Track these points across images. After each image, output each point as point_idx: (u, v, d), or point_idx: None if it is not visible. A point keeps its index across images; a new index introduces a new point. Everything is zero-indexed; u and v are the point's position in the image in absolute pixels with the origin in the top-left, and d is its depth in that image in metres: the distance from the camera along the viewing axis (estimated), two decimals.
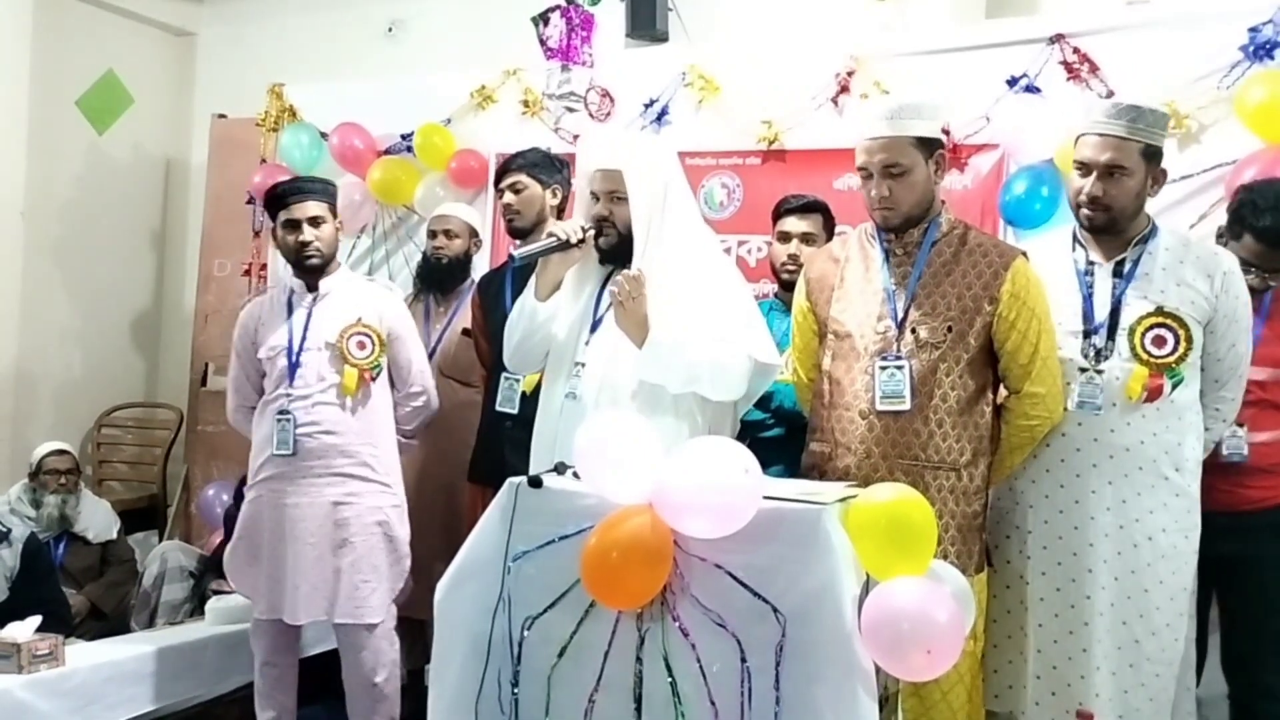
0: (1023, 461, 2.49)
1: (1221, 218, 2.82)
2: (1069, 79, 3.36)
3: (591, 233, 2.52)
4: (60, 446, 4.46)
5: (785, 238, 3.10)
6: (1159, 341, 2.36)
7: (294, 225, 3.15)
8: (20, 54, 5.36)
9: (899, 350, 2.38)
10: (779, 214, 3.15)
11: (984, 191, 3.50)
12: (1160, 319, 2.37)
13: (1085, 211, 2.43)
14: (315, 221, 3.16)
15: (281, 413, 3.14)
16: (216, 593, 3.92)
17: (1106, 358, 2.40)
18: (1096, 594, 2.38)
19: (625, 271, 2.45)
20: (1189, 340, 2.36)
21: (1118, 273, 2.43)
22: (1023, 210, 3.38)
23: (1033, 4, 4.19)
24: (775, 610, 1.92)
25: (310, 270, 3.20)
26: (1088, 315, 2.43)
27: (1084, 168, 2.41)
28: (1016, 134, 3.41)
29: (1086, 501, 2.40)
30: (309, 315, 3.19)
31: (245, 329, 3.31)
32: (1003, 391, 2.49)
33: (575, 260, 2.55)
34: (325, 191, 3.23)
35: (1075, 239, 2.49)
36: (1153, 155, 2.40)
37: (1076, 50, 3.35)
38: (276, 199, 3.19)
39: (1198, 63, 3.20)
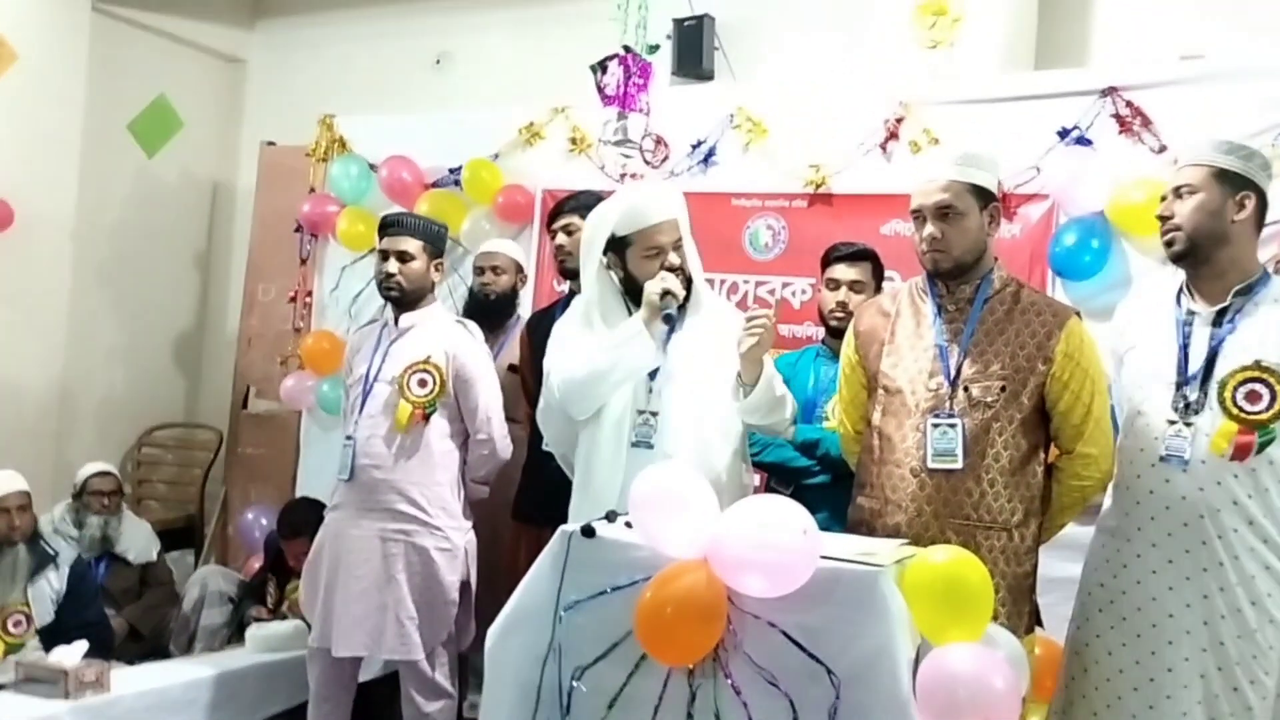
0: (1100, 518, 2.44)
1: None
2: (1121, 132, 3.36)
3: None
4: (105, 468, 4.51)
5: (834, 285, 3.11)
6: (1253, 397, 2.22)
7: (384, 256, 3.24)
8: (76, 77, 5.49)
9: (952, 408, 2.37)
10: (828, 261, 3.16)
11: (1032, 241, 3.49)
12: (1256, 373, 2.23)
13: (1164, 238, 2.36)
14: (404, 256, 3.23)
15: (348, 438, 3.23)
16: (257, 619, 3.96)
17: (1198, 411, 2.28)
18: (1195, 659, 2.27)
19: (761, 310, 2.59)
20: None
21: (1217, 322, 2.32)
22: (1072, 262, 3.37)
23: (1084, 56, 4.20)
24: (829, 672, 1.92)
25: (393, 302, 3.28)
26: (1181, 366, 2.32)
27: (1163, 196, 2.39)
28: (1067, 185, 3.40)
29: (1181, 562, 2.29)
30: (388, 349, 3.25)
31: (346, 357, 3.47)
32: (1053, 450, 2.47)
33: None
34: (425, 231, 3.31)
35: (1182, 288, 2.39)
36: (1231, 180, 2.29)
37: (1129, 104, 3.34)
38: (379, 228, 3.30)
39: (1251, 118, 3.17)
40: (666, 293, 2.59)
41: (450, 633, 3.25)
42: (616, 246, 2.69)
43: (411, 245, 3.24)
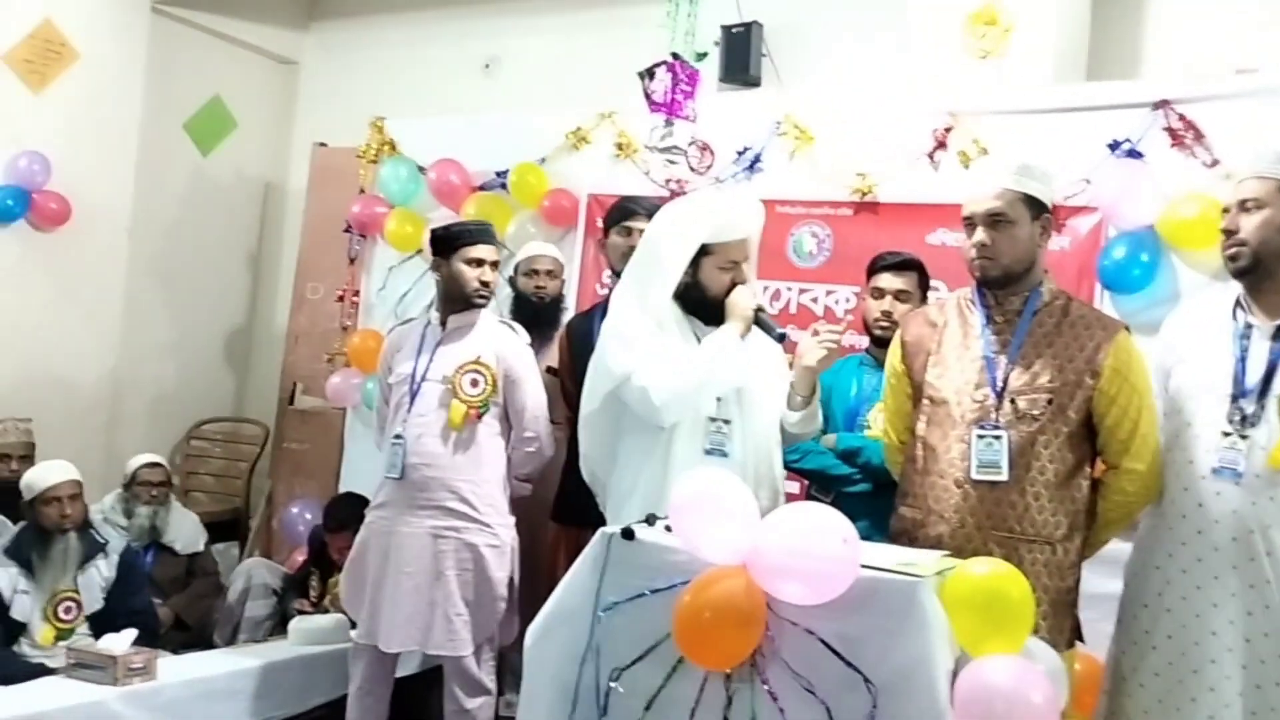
0: (1141, 535, 2.43)
1: None
2: (1173, 145, 3.32)
3: None
4: (154, 459, 4.60)
5: (879, 294, 3.11)
6: None
7: (479, 263, 3.30)
8: (134, 77, 5.61)
9: (997, 420, 2.36)
10: (873, 269, 3.16)
11: (1081, 254, 3.46)
12: None
13: (1227, 252, 2.34)
14: (494, 265, 3.35)
15: (396, 437, 3.27)
16: (300, 612, 4.02)
17: (1253, 425, 2.26)
18: (1236, 675, 2.24)
19: (832, 326, 2.67)
20: None
21: (1276, 336, 2.29)
22: (1121, 275, 3.34)
23: (1136, 68, 4.16)
24: (867, 681, 1.93)
25: (473, 307, 3.33)
26: (1238, 378, 2.29)
27: (1225, 210, 2.36)
28: (1117, 198, 3.37)
29: (1226, 577, 2.26)
30: (436, 348, 3.30)
31: (385, 355, 3.48)
32: (1100, 465, 2.45)
33: None
34: (498, 240, 3.44)
35: (1238, 302, 2.37)
36: None
37: (1182, 117, 3.30)
38: (459, 237, 3.33)
39: None
40: (760, 309, 2.69)
41: (494, 630, 3.28)
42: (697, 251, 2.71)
43: (496, 254, 3.36)
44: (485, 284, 3.29)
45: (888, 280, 3.11)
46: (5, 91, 5.10)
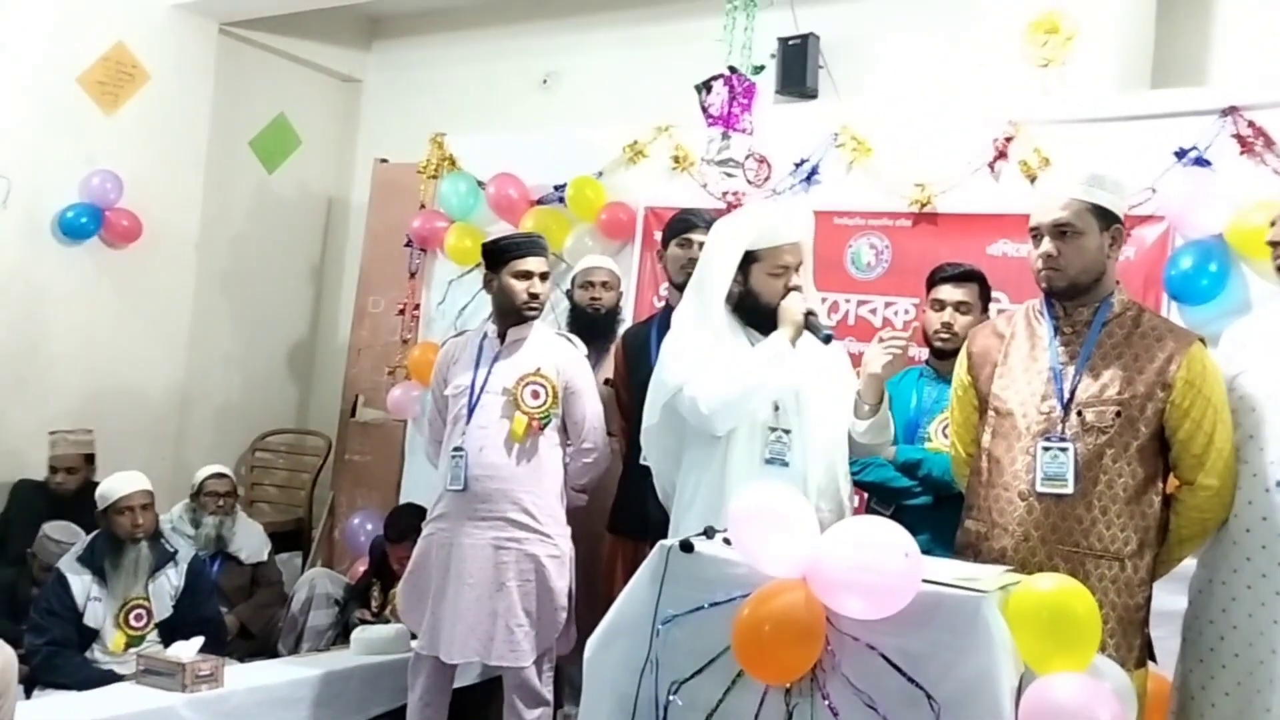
0: (1204, 550, 2.38)
1: None
2: (1242, 153, 3.25)
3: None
4: (221, 470, 4.69)
5: (939, 306, 3.09)
6: None
7: (527, 275, 3.31)
8: (203, 97, 5.76)
9: (1063, 432, 2.32)
10: (933, 281, 3.14)
11: (1147, 263, 3.41)
12: None
13: (1276, 263, 2.35)
14: (544, 277, 3.35)
15: (456, 450, 3.28)
16: (361, 622, 4.07)
17: None
18: (1277, 708, 2.21)
19: (899, 332, 2.68)
20: None
21: None
22: (1189, 285, 3.27)
23: (1202, 75, 4.08)
24: (929, 697, 1.91)
25: (525, 320, 3.34)
26: None
27: (1272, 222, 2.35)
28: (1184, 207, 3.31)
29: None
30: (494, 360, 3.33)
31: (439, 367, 3.50)
32: (1172, 480, 2.39)
33: None
34: (548, 250, 3.44)
35: None
36: None
37: (1251, 124, 3.24)
38: (509, 249, 3.35)
39: None
40: (810, 313, 2.65)
41: (554, 641, 3.29)
42: (743, 261, 2.72)
43: (545, 265, 3.37)
44: (534, 296, 3.30)
45: (948, 292, 3.08)
46: (79, 112, 5.26)
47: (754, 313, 2.70)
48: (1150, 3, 4.18)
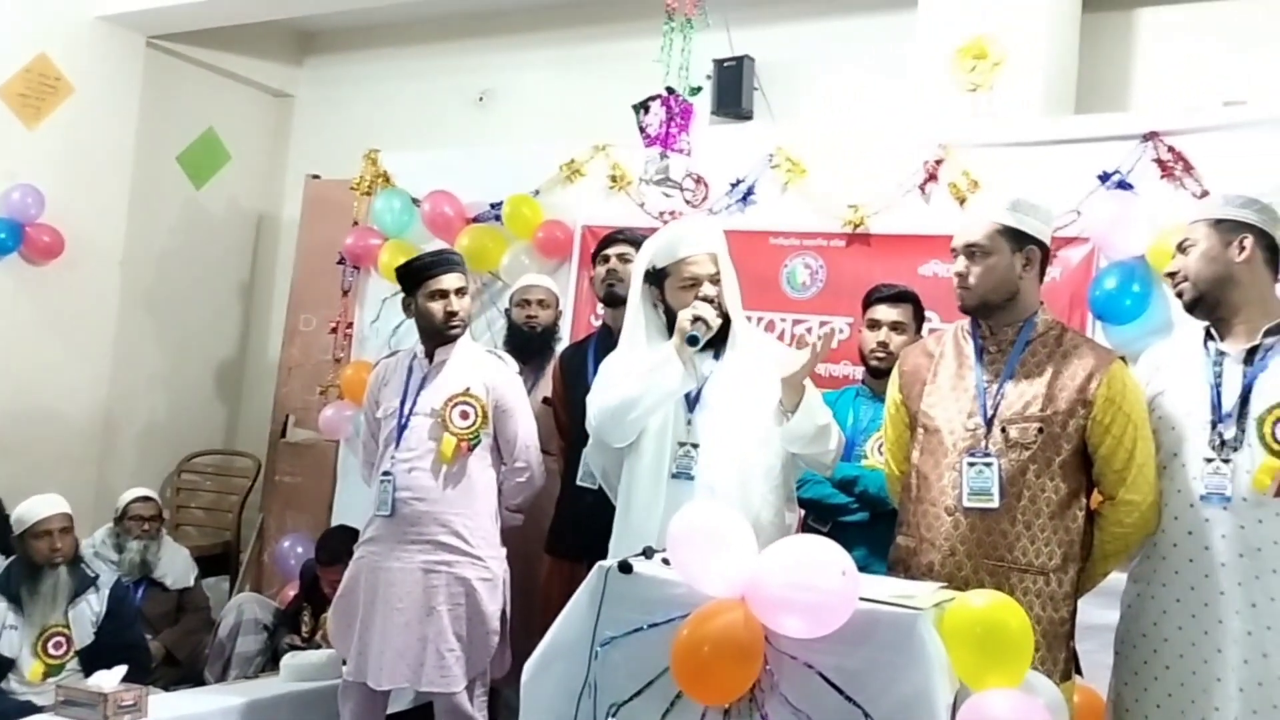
0: (1135, 565, 2.43)
1: None
2: (1163, 177, 3.34)
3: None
4: (146, 493, 4.57)
5: (875, 325, 3.12)
6: None
7: (441, 295, 3.25)
8: (129, 110, 5.64)
9: (987, 447, 2.37)
10: (869, 301, 3.18)
11: (1073, 284, 3.48)
12: None
13: (1177, 293, 2.45)
14: (460, 293, 3.28)
15: (385, 474, 3.23)
16: (291, 647, 3.98)
17: (1235, 449, 2.29)
18: (1226, 707, 2.25)
19: (823, 333, 2.68)
20: None
21: (1248, 361, 2.34)
22: (1113, 305, 3.35)
23: (1125, 100, 4.20)
24: (866, 715, 1.92)
25: (448, 339, 3.29)
26: (1215, 404, 2.33)
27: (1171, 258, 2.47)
28: (1108, 229, 3.39)
29: (1216, 604, 2.28)
30: (423, 381, 3.28)
31: (371, 389, 3.44)
32: (1096, 495, 2.45)
33: None
34: (463, 265, 3.37)
35: (1207, 333, 2.43)
36: (1229, 227, 2.36)
37: (1171, 149, 3.34)
38: (420, 270, 3.29)
39: None
40: (697, 319, 2.63)
41: (486, 665, 3.25)
42: (656, 279, 2.76)
43: (461, 280, 3.30)
44: (452, 314, 3.25)
45: (883, 312, 3.13)
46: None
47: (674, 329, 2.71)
48: (1074, 30, 4.30)
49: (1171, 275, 2.44)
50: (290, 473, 5.41)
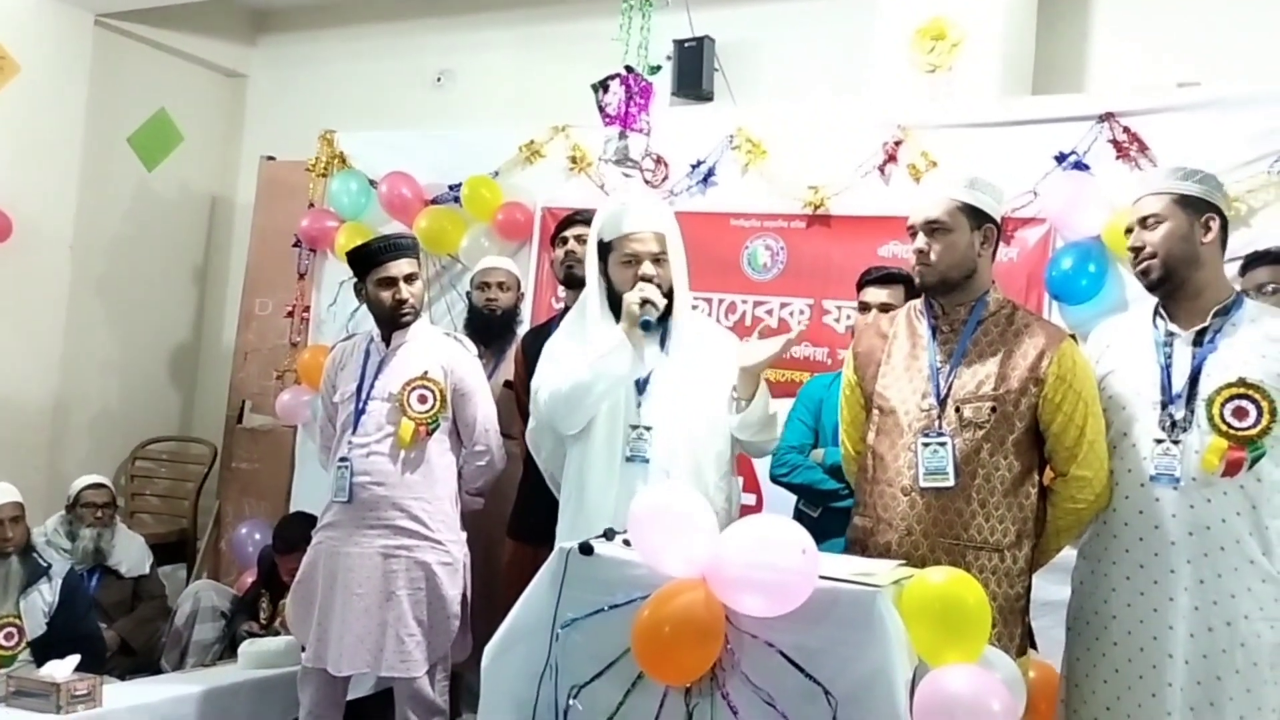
0: (1085, 542, 2.46)
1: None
2: (1118, 157, 3.38)
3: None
4: (98, 480, 4.50)
5: (865, 308, 3.13)
6: (1240, 413, 2.26)
7: (390, 283, 3.21)
8: (77, 90, 5.51)
9: (941, 427, 2.38)
10: (861, 284, 3.18)
11: (1030, 265, 3.51)
12: (1241, 390, 2.27)
13: (1138, 269, 2.42)
14: (410, 279, 3.23)
15: (342, 459, 3.20)
16: (249, 634, 3.94)
17: (1185, 430, 2.31)
18: (1175, 680, 2.28)
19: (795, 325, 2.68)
20: (1273, 412, 2.24)
21: (1197, 342, 2.35)
22: (1069, 285, 3.39)
23: (1081, 82, 4.23)
24: (827, 692, 1.92)
25: (401, 326, 3.24)
26: (1165, 385, 2.35)
27: (1129, 230, 2.45)
28: (1064, 209, 3.42)
29: (1166, 582, 2.31)
30: (380, 365, 3.24)
31: (328, 373, 3.40)
32: (1048, 472, 2.47)
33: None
34: (414, 248, 3.31)
35: (1157, 312, 2.44)
36: (1194, 204, 2.36)
37: (1126, 130, 3.37)
38: (368, 256, 3.24)
39: (1248, 146, 3.21)
40: (645, 301, 2.61)
41: (448, 649, 3.23)
42: (602, 253, 2.74)
43: (411, 266, 3.25)
44: (402, 301, 3.21)
45: (872, 294, 3.13)
46: None
47: (616, 304, 2.70)
48: (1031, 12, 4.32)
49: (1136, 251, 2.41)
50: (247, 459, 5.35)
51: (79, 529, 4.33)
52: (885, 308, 3.08)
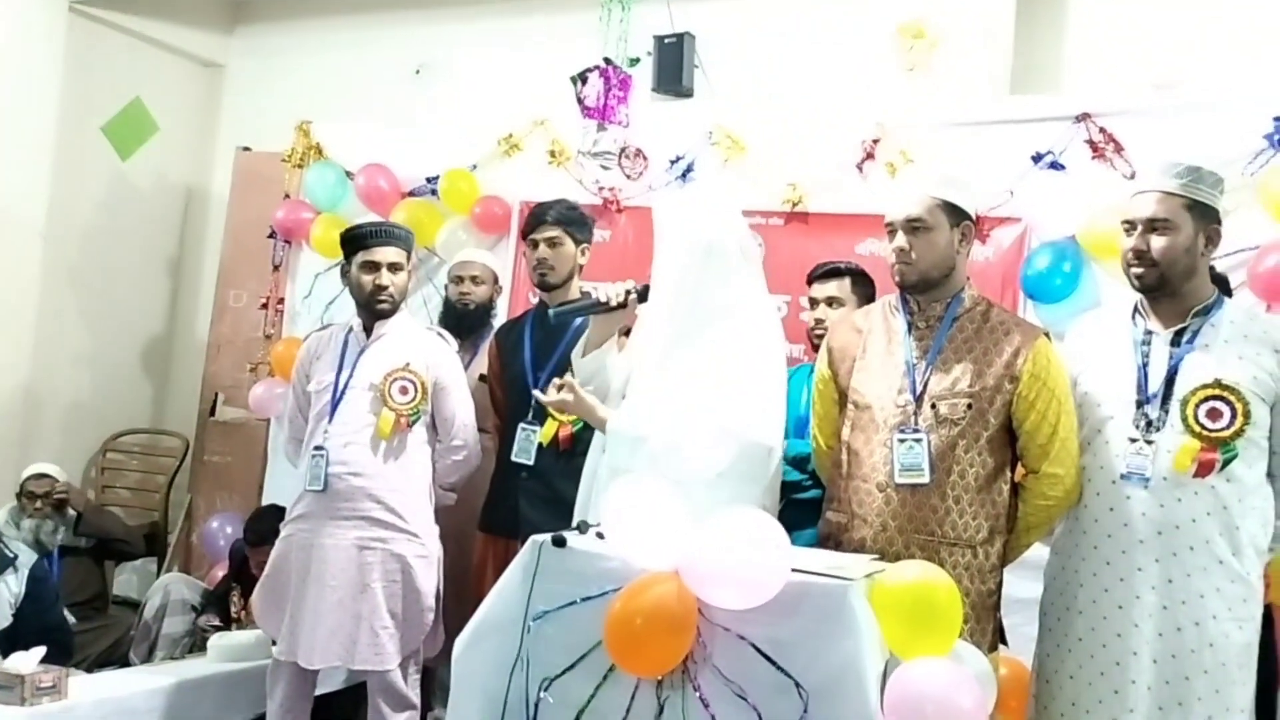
0: (1056, 538, 2.47)
1: (1244, 302, 2.83)
2: (1094, 158, 3.40)
3: (634, 296, 2.57)
4: (43, 470, 4.48)
5: (813, 303, 3.13)
6: (1214, 415, 2.26)
7: (373, 267, 3.18)
8: (51, 78, 5.44)
9: (917, 424, 2.38)
10: (809, 280, 3.18)
11: (1005, 264, 3.53)
12: (1216, 391, 2.26)
13: (1134, 270, 2.37)
14: (394, 268, 3.20)
15: (317, 448, 3.16)
16: (211, 627, 3.91)
17: (1159, 429, 2.31)
18: (1140, 679, 2.29)
19: (556, 381, 2.63)
20: (1246, 415, 2.24)
21: (1175, 342, 2.35)
22: (1044, 285, 3.41)
23: (1058, 83, 4.25)
24: (798, 685, 1.93)
25: (379, 314, 3.22)
26: (1141, 385, 2.35)
27: (1130, 225, 2.37)
28: (1040, 209, 3.45)
29: (1132, 579, 2.31)
30: (359, 356, 3.22)
31: (301, 362, 3.36)
32: (1020, 469, 2.47)
33: (619, 321, 2.59)
34: (405, 239, 3.28)
35: (1136, 309, 2.44)
36: (1203, 212, 2.32)
37: (1103, 130, 3.39)
38: (356, 239, 3.21)
39: (1222, 148, 3.20)
40: (587, 294, 2.70)
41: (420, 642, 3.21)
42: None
43: (398, 255, 3.22)
44: (381, 288, 3.18)
45: (818, 289, 3.13)
46: None
47: None
48: (1010, 12, 4.33)
49: (1138, 253, 2.34)
50: (219, 452, 5.30)
51: (21, 519, 4.28)
52: (832, 302, 3.08)
